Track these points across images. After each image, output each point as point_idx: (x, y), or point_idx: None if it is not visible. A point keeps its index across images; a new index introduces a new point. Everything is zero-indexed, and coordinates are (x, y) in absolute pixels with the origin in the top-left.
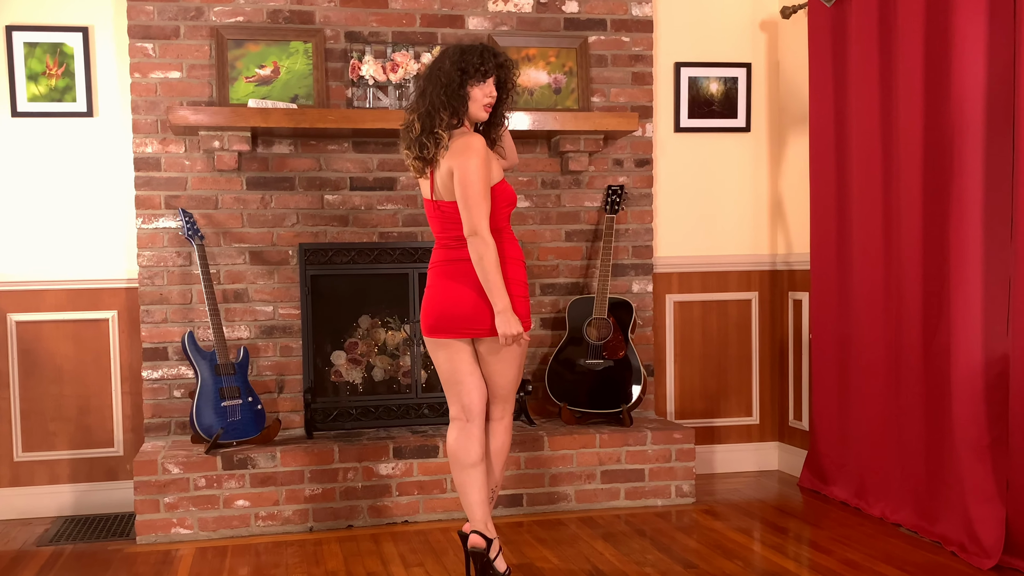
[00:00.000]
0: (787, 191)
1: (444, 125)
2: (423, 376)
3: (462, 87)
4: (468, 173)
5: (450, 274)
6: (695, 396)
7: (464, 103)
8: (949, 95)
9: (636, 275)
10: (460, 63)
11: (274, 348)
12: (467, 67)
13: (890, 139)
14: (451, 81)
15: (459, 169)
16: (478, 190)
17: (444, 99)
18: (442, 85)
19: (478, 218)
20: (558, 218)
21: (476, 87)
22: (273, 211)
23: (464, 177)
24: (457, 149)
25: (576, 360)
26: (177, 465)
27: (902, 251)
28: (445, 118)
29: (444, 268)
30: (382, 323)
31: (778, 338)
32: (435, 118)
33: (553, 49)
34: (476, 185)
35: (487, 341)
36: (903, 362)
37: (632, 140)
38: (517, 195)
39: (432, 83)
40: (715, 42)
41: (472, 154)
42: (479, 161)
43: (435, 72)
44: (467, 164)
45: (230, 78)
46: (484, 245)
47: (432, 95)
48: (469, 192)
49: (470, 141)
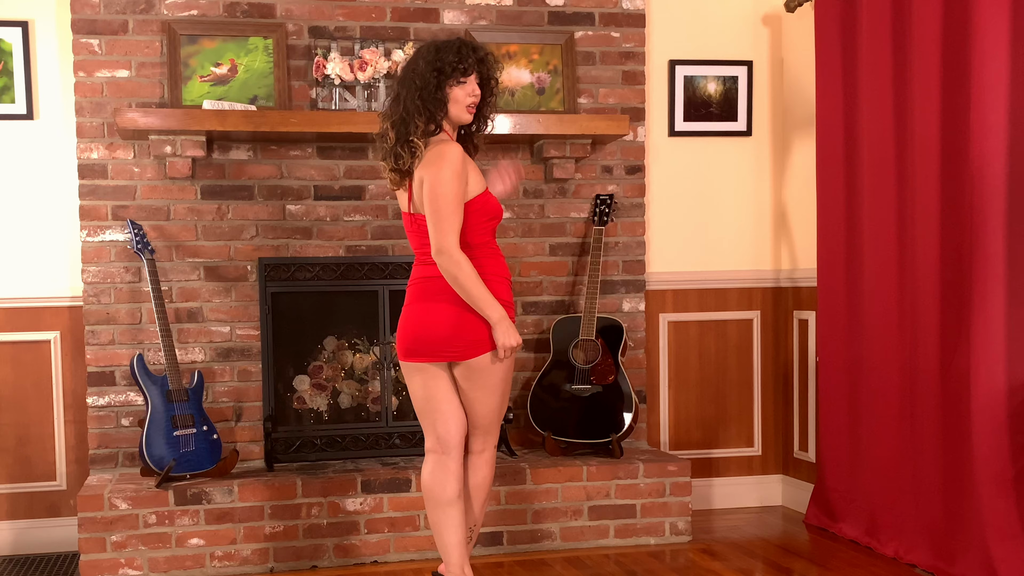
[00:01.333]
0: (792, 201)
1: (420, 132)
2: (394, 403)
3: (439, 89)
4: (438, 184)
5: (426, 293)
6: (691, 425)
7: (443, 107)
8: (969, 95)
9: (627, 292)
10: (435, 62)
11: (231, 372)
12: (443, 66)
13: (904, 144)
14: (427, 84)
15: (429, 180)
16: (448, 203)
17: (419, 104)
18: (416, 88)
19: (444, 234)
20: (541, 230)
21: (456, 87)
22: (230, 222)
23: (434, 188)
24: (430, 158)
25: (561, 385)
26: (125, 500)
27: (917, 266)
28: (421, 125)
29: (421, 286)
30: (349, 345)
31: (782, 361)
32: (410, 125)
33: (536, 46)
34: (446, 198)
35: (463, 366)
36: (919, 387)
37: (622, 145)
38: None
39: (406, 87)
40: (713, 38)
41: (445, 164)
42: (452, 172)
43: (408, 74)
44: (438, 175)
45: (183, 77)
46: (454, 264)
47: (406, 100)
48: (438, 205)
49: (444, 150)
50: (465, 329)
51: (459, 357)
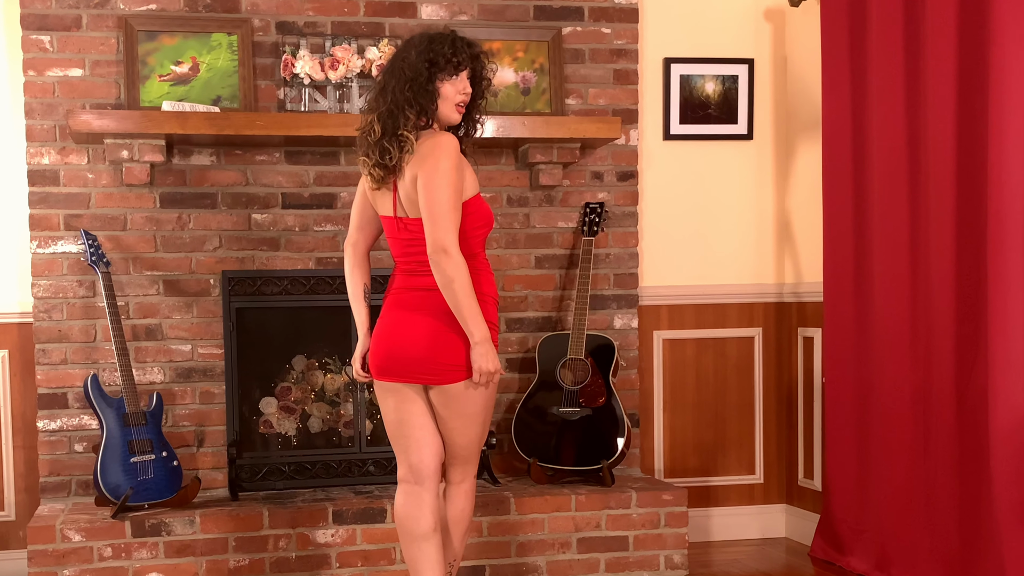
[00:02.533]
0: (796, 209)
1: (411, 126)
2: (368, 427)
3: (431, 82)
4: (437, 177)
5: (407, 303)
6: (688, 450)
7: (433, 100)
8: (987, 95)
9: (618, 308)
10: (428, 53)
11: (192, 394)
12: (436, 58)
13: (917, 147)
14: (418, 74)
15: (425, 174)
16: (447, 197)
17: (410, 95)
18: (407, 79)
19: (445, 231)
20: (526, 241)
21: (447, 82)
22: (191, 233)
23: (431, 182)
24: (424, 152)
25: (548, 408)
26: (79, 532)
27: (931, 280)
28: (412, 118)
29: (401, 296)
30: (320, 365)
31: (785, 382)
32: (399, 118)
33: (521, 42)
34: (444, 191)
35: (439, 391)
36: (933, 410)
37: (614, 149)
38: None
39: (395, 77)
40: (711, 34)
41: (442, 154)
42: (450, 164)
43: (399, 64)
44: (436, 167)
45: (141, 76)
46: (454, 265)
47: (395, 91)
48: (436, 199)
49: (440, 141)
50: (444, 349)
51: (435, 380)
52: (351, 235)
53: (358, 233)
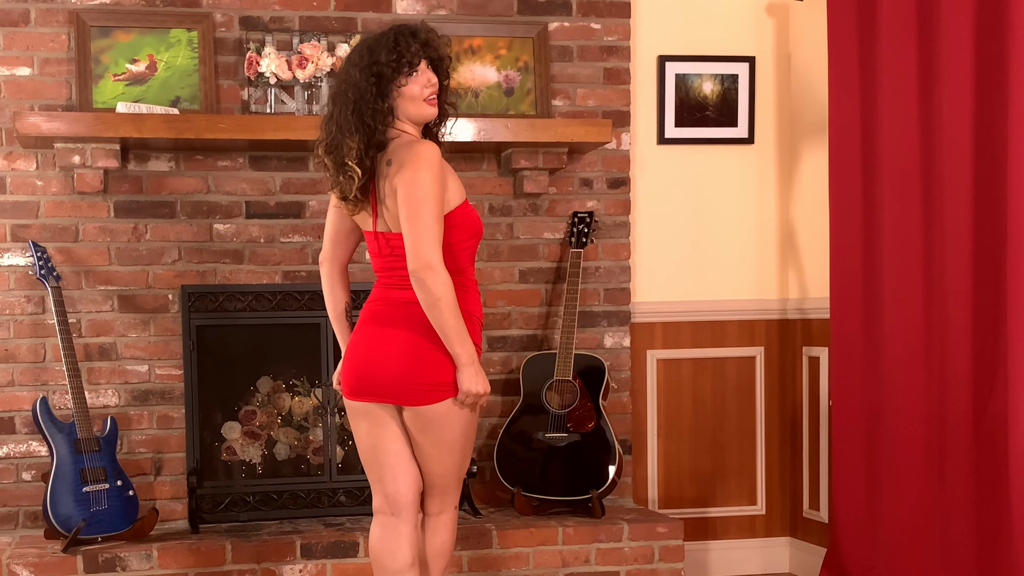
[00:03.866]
0: (801, 219)
1: (354, 155)
2: (339, 454)
3: (381, 98)
4: (416, 188)
5: (384, 318)
6: (684, 479)
7: (384, 118)
8: (1007, 95)
9: (609, 325)
10: (371, 67)
11: (150, 418)
12: (381, 69)
13: (932, 152)
14: (363, 95)
15: (405, 184)
16: (428, 209)
17: (354, 120)
18: (351, 102)
19: (428, 245)
20: (510, 253)
21: (407, 84)
22: (148, 244)
23: (410, 194)
24: (404, 161)
25: (533, 434)
26: (27, 567)
27: (946, 296)
28: (354, 145)
29: (378, 309)
30: (287, 387)
31: (789, 405)
32: (341, 148)
33: (504, 39)
34: (426, 203)
35: (414, 414)
36: (948, 435)
37: (604, 154)
38: None
39: (339, 102)
40: (710, 30)
41: (422, 165)
42: (430, 174)
43: (342, 87)
44: (416, 178)
45: (94, 76)
46: (440, 283)
47: (340, 118)
48: (416, 212)
49: (419, 150)
50: (421, 368)
51: (410, 400)
52: (326, 250)
53: (334, 248)
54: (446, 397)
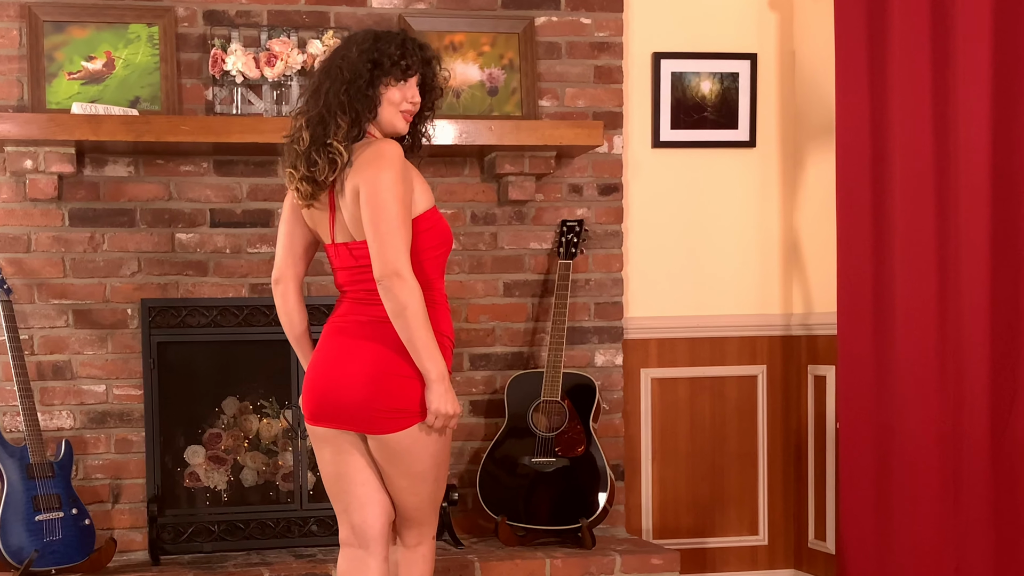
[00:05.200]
0: (806, 228)
1: (342, 135)
2: (310, 480)
3: (372, 86)
4: (380, 189)
5: (348, 335)
6: (681, 507)
7: (372, 107)
8: None
9: (600, 342)
10: (372, 52)
11: (107, 442)
12: (381, 59)
13: (946, 156)
14: (357, 76)
15: (368, 185)
16: (394, 212)
17: (345, 99)
18: (344, 81)
19: (395, 251)
20: (493, 265)
21: (393, 87)
22: (106, 255)
23: (374, 197)
24: (365, 160)
25: (518, 458)
26: None
27: (962, 310)
28: (344, 126)
29: (341, 326)
30: (254, 408)
31: (793, 428)
32: (329, 125)
33: (487, 35)
34: (391, 206)
35: (379, 443)
36: (965, 460)
37: (595, 159)
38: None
39: (331, 77)
40: (708, 25)
41: (385, 164)
42: (393, 175)
43: (337, 63)
44: (379, 178)
45: (47, 74)
46: (408, 290)
47: (330, 93)
48: (381, 216)
49: (382, 148)
50: (385, 392)
51: (373, 429)
52: (280, 268)
53: (291, 264)
54: (412, 424)
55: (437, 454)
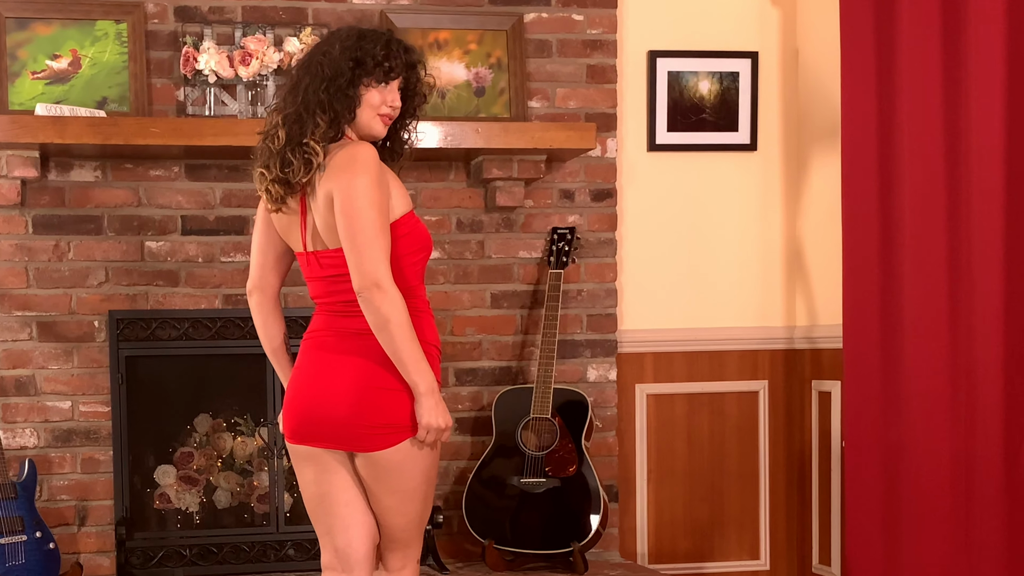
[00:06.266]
0: (810, 236)
1: (319, 134)
2: (287, 501)
3: (352, 85)
4: (355, 196)
5: (328, 348)
6: (678, 530)
7: (351, 108)
8: None
9: (593, 356)
10: (355, 51)
11: (73, 461)
12: (364, 58)
13: (958, 160)
14: (338, 74)
15: (342, 191)
16: (371, 219)
17: (325, 97)
18: (325, 78)
19: (374, 261)
20: (480, 274)
21: (373, 89)
22: (72, 264)
23: (349, 203)
24: (338, 164)
25: (507, 478)
26: None
27: (975, 322)
28: (322, 124)
29: (320, 339)
30: (228, 426)
31: (797, 447)
32: (307, 123)
33: (474, 32)
34: (367, 213)
35: (367, 460)
36: (977, 481)
37: (587, 163)
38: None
39: (311, 73)
40: (707, 22)
41: (360, 168)
42: (369, 179)
43: (318, 59)
44: (353, 183)
45: (10, 73)
46: (389, 302)
47: (308, 90)
48: (358, 224)
49: (356, 152)
50: (374, 407)
51: (361, 446)
52: (254, 277)
53: (266, 274)
54: (402, 439)
55: (427, 470)
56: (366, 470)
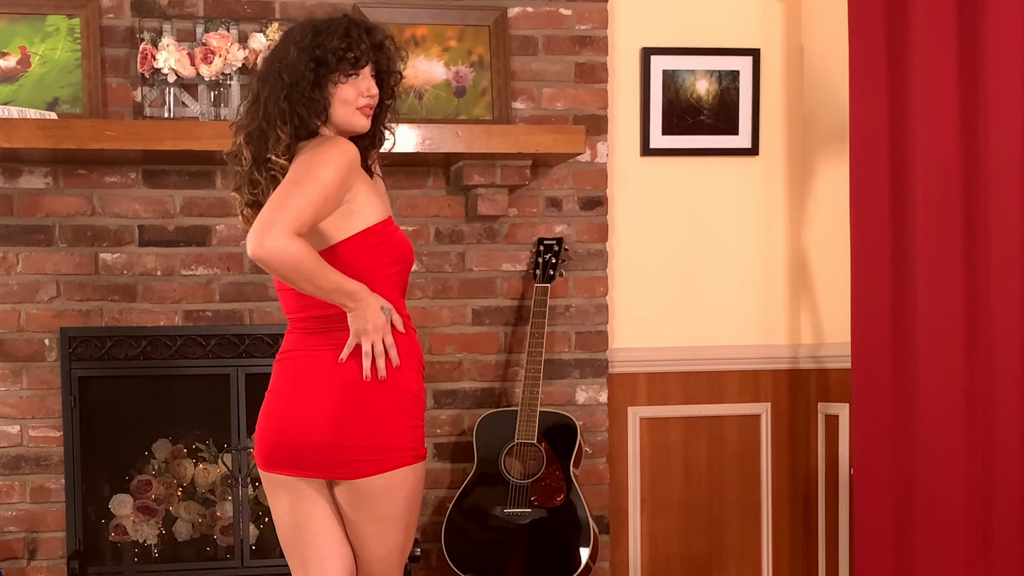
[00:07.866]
0: (815, 247)
1: (282, 148)
2: (252, 533)
3: (318, 88)
4: (299, 162)
5: (303, 368)
6: (674, 563)
7: (320, 111)
8: None
9: (582, 377)
10: (314, 50)
11: (22, 490)
12: (325, 55)
13: (975, 165)
14: (299, 79)
15: (294, 166)
16: (311, 183)
17: (285, 107)
18: (284, 87)
19: (276, 209)
20: (461, 289)
21: (344, 84)
22: (20, 278)
23: (299, 164)
24: (310, 146)
25: (489, 509)
26: None
27: (993, 339)
28: (284, 137)
29: (296, 360)
30: (189, 452)
31: (802, 474)
32: (269, 138)
33: (454, 28)
34: (311, 177)
35: (349, 488)
36: (994, 510)
37: (576, 168)
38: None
39: (269, 84)
40: (705, 17)
41: (327, 146)
42: (336, 158)
43: (275, 67)
44: (308, 159)
45: None
46: (283, 250)
47: (268, 103)
48: (287, 185)
49: (328, 141)
50: (355, 429)
51: (342, 474)
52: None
53: None
54: (385, 468)
55: (411, 497)
56: (346, 498)
